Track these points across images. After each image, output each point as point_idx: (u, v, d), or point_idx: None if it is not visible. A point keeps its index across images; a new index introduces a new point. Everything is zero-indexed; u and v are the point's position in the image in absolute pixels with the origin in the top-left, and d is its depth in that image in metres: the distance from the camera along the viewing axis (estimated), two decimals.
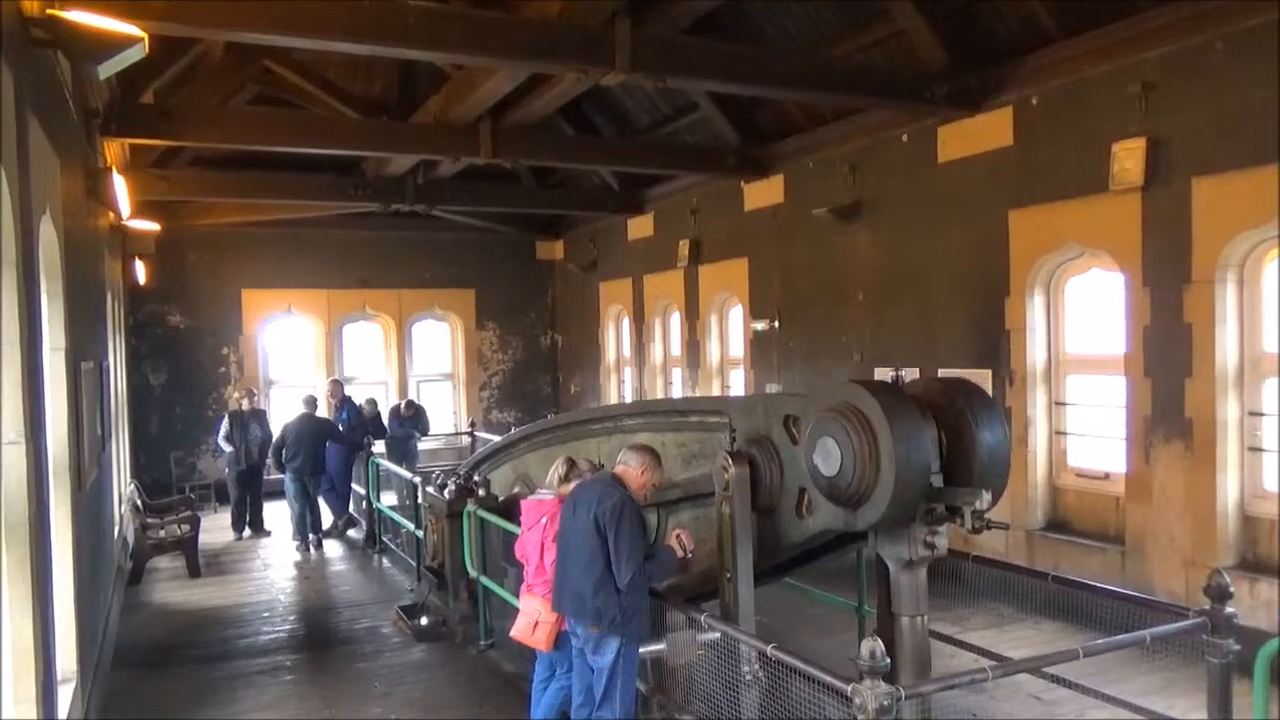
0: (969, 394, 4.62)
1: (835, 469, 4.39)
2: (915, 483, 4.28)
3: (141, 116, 9.14)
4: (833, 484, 4.44)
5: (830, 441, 4.41)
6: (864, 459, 4.27)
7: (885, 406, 4.27)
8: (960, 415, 4.48)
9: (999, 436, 4.50)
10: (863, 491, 4.32)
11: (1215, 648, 4.31)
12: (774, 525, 5.13)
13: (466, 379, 17.53)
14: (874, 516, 4.35)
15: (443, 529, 8.11)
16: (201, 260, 15.46)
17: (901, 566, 4.54)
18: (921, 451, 4.30)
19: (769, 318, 11.87)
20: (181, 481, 14.88)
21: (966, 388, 4.70)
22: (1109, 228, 7.66)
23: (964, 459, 4.44)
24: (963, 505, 4.23)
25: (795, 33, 9.89)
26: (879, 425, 4.25)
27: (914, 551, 4.47)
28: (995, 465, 4.47)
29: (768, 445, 5.13)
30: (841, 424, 4.36)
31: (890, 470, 4.21)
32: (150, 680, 7.17)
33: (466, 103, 9.34)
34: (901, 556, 4.51)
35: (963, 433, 4.45)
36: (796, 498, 4.96)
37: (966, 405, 4.51)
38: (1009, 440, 4.65)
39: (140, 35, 4.51)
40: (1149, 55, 7.27)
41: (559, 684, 5.53)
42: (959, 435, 4.45)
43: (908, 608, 4.57)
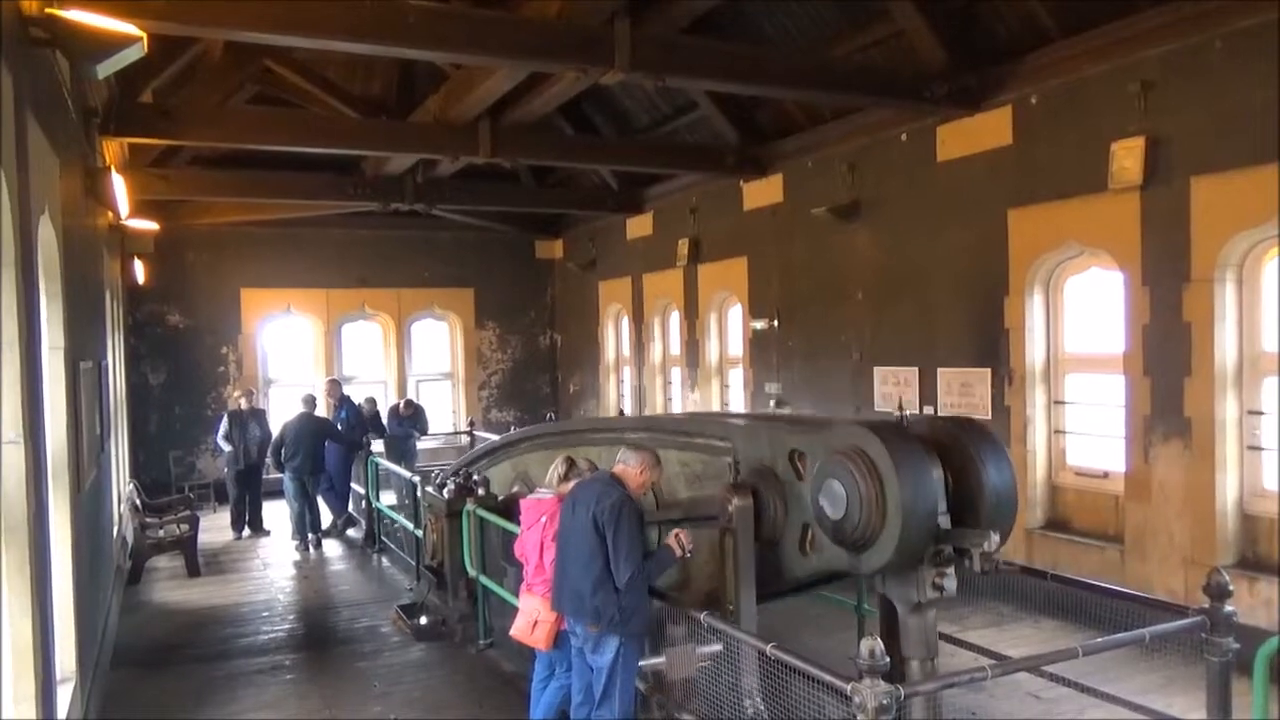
0: (974, 433, 4.59)
1: (841, 513, 4.36)
2: (922, 526, 4.25)
3: (140, 116, 9.14)
4: (838, 527, 4.41)
5: (836, 485, 4.39)
6: (870, 504, 4.25)
7: (891, 450, 4.25)
8: (966, 455, 4.45)
9: (1005, 476, 4.46)
10: (869, 536, 4.30)
11: (1214, 646, 4.31)
12: (776, 558, 5.11)
13: (465, 378, 17.53)
14: (880, 561, 4.32)
15: (442, 528, 8.11)
16: (200, 259, 15.46)
17: (910, 609, 4.46)
18: (928, 495, 4.27)
19: (768, 317, 11.87)
20: (180, 481, 14.88)
21: (971, 427, 4.67)
22: (1108, 227, 7.66)
23: (971, 499, 4.40)
24: (971, 547, 4.20)
25: (795, 32, 9.89)
26: (885, 470, 4.24)
27: (923, 594, 4.41)
28: (1003, 505, 4.43)
29: (772, 478, 5.10)
30: (847, 467, 4.34)
31: (897, 516, 4.18)
32: (149, 680, 7.17)
33: (466, 102, 9.34)
34: (910, 599, 4.45)
35: (969, 472, 4.41)
36: (800, 534, 4.94)
37: (972, 445, 4.47)
38: (1015, 479, 4.60)
39: (139, 34, 4.50)
40: (1148, 54, 7.27)
41: (558, 683, 5.53)
42: (965, 475, 4.42)
43: (917, 651, 4.48)
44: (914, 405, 9.63)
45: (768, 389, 11.95)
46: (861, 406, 10.33)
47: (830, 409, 10.90)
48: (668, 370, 14.87)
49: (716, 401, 13.41)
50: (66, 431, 5.32)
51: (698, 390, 13.62)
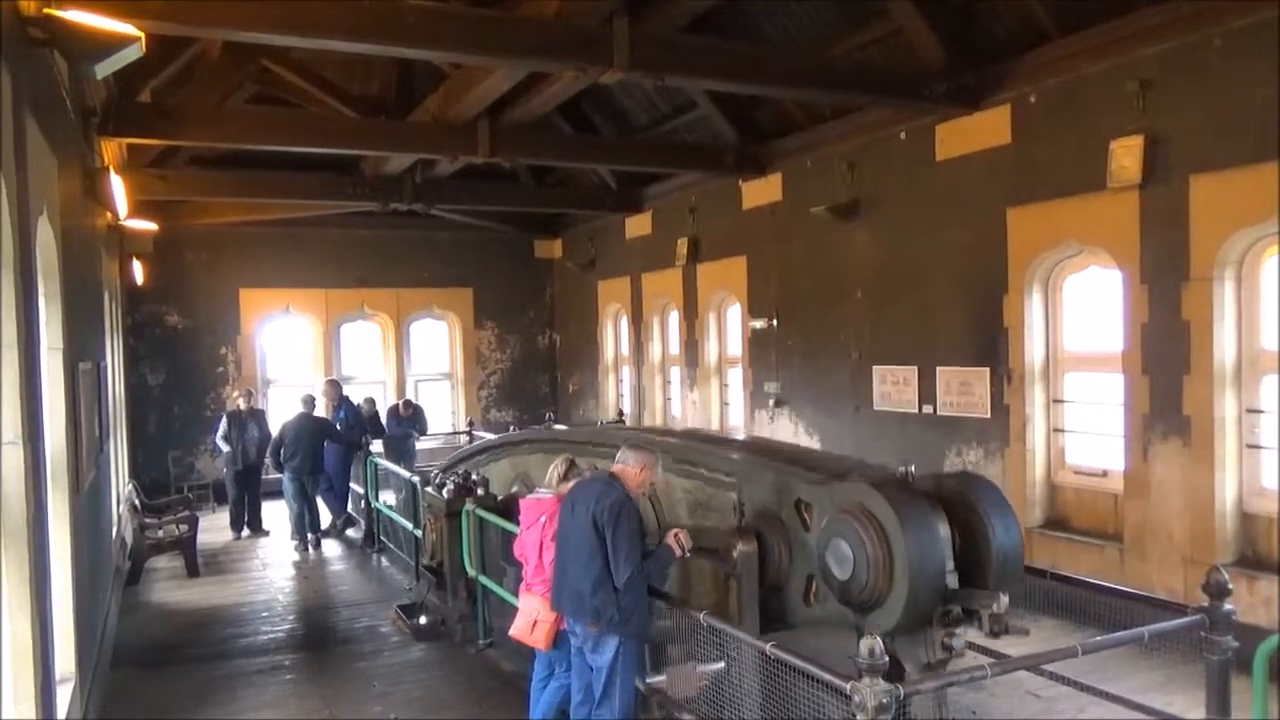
0: (979, 488, 4.57)
1: (848, 574, 4.34)
2: (930, 587, 4.22)
3: (139, 116, 9.14)
4: (845, 588, 4.38)
5: (843, 545, 4.36)
6: (877, 566, 4.23)
7: (898, 510, 4.22)
8: (972, 511, 4.42)
9: (1012, 532, 4.43)
10: (876, 597, 4.27)
11: (1214, 645, 4.31)
12: (780, 603, 5.09)
13: (465, 378, 17.53)
14: (888, 623, 4.27)
15: (441, 528, 8.11)
16: (199, 260, 15.45)
17: (919, 669, 4.38)
18: (936, 555, 4.24)
19: (767, 316, 11.87)
20: (180, 481, 14.87)
21: (978, 484, 4.65)
22: (1107, 225, 7.67)
23: (978, 556, 4.37)
24: (980, 609, 4.18)
25: (794, 31, 9.89)
26: (892, 531, 4.21)
27: (932, 654, 4.37)
28: (1010, 562, 4.39)
29: (777, 524, 5.07)
30: (854, 527, 4.31)
31: (904, 578, 4.15)
32: (149, 680, 7.17)
33: (465, 101, 9.33)
34: (919, 659, 4.39)
35: (976, 529, 4.39)
36: (805, 584, 4.92)
37: (977, 500, 4.45)
38: (1022, 534, 4.57)
39: (137, 34, 4.50)
40: (1147, 53, 7.27)
41: (558, 683, 5.53)
42: (972, 532, 4.39)
43: (929, 713, 4.37)
44: (913, 404, 9.64)
45: (767, 388, 11.95)
46: (861, 406, 10.34)
47: (829, 408, 10.91)
48: (667, 370, 14.87)
49: (716, 401, 13.41)
50: (65, 432, 5.32)
51: (697, 390, 13.62)
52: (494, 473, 8.64)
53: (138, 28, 4.59)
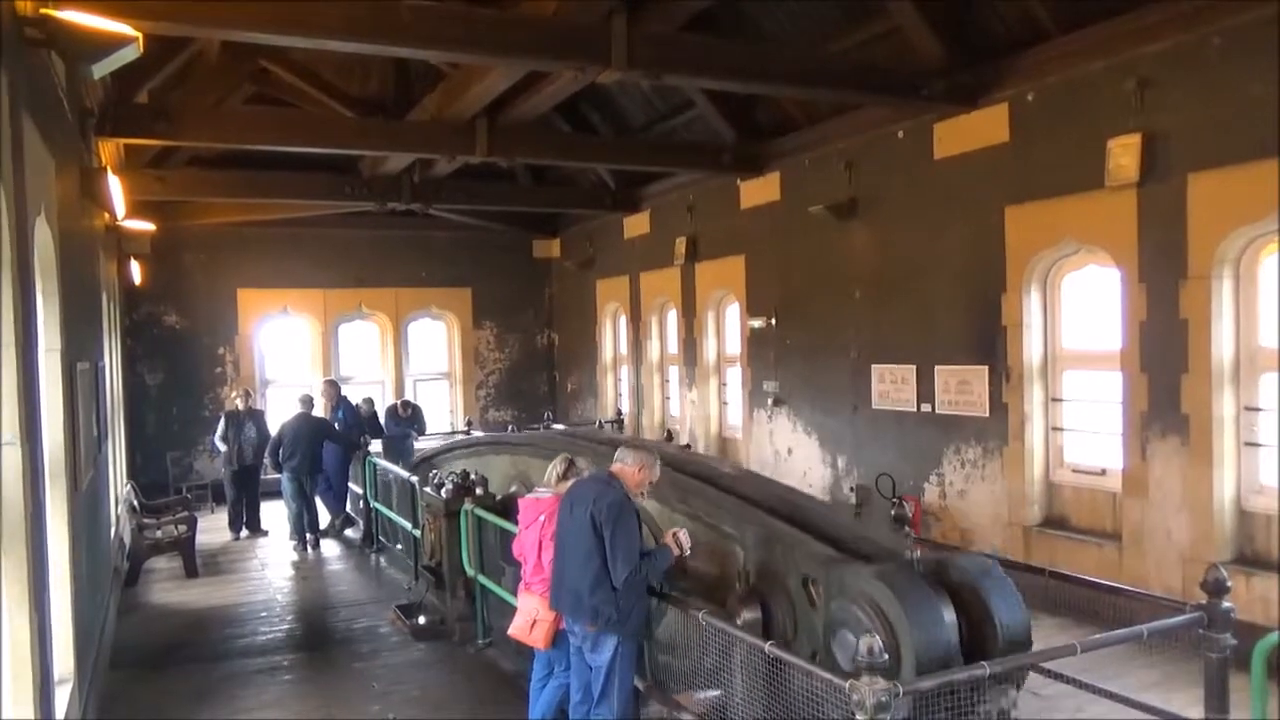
0: (985, 573, 4.53)
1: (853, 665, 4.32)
2: None
3: (136, 116, 9.14)
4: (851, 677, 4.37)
5: (849, 636, 4.33)
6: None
7: (904, 603, 4.20)
8: (976, 595, 4.40)
9: (1016, 615, 4.41)
10: None
11: (1212, 642, 4.31)
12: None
13: (463, 378, 17.53)
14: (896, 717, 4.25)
15: (440, 528, 8.11)
16: (197, 260, 15.44)
17: None
18: (942, 645, 4.22)
19: (766, 315, 11.87)
20: (178, 482, 14.87)
21: (980, 565, 4.62)
22: (1105, 224, 7.67)
23: (983, 642, 4.34)
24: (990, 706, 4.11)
25: (791, 29, 9.89)
26: (898, 623, 4.20)
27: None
28: (1016, 648, 4.36)
29: (783, 594, 5.05)
30: (860, 618, 4.30)
31: (911, 670, 4.12)
32: (148, 681, 7.16)
33: (462, 101, 9.33)
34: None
35: (982, 615, 4.37)
36: (809, 659, 4.89)
37: (983, 585, 4.42)
38: (1028, 617, 4.52)
39: (135, 35, 4.49)
40: (1144, 51, 7.28)
41: (557, 682, 5.53)
42: (978, 618, 4.37)
43: None
44: (911, 403, 9.64)
45: (765, 387, 11.95)
46: (859, 405, 10.34)
47: (828, 407, 10.91)
48: (665, 369, 14.87)
49: (714, 400, 13.42)
50: (64, 433, 5.31)
51: (695, 389, 13.62)
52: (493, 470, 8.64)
53: (135, 28, 4.58)
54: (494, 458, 9.33)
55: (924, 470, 9.54)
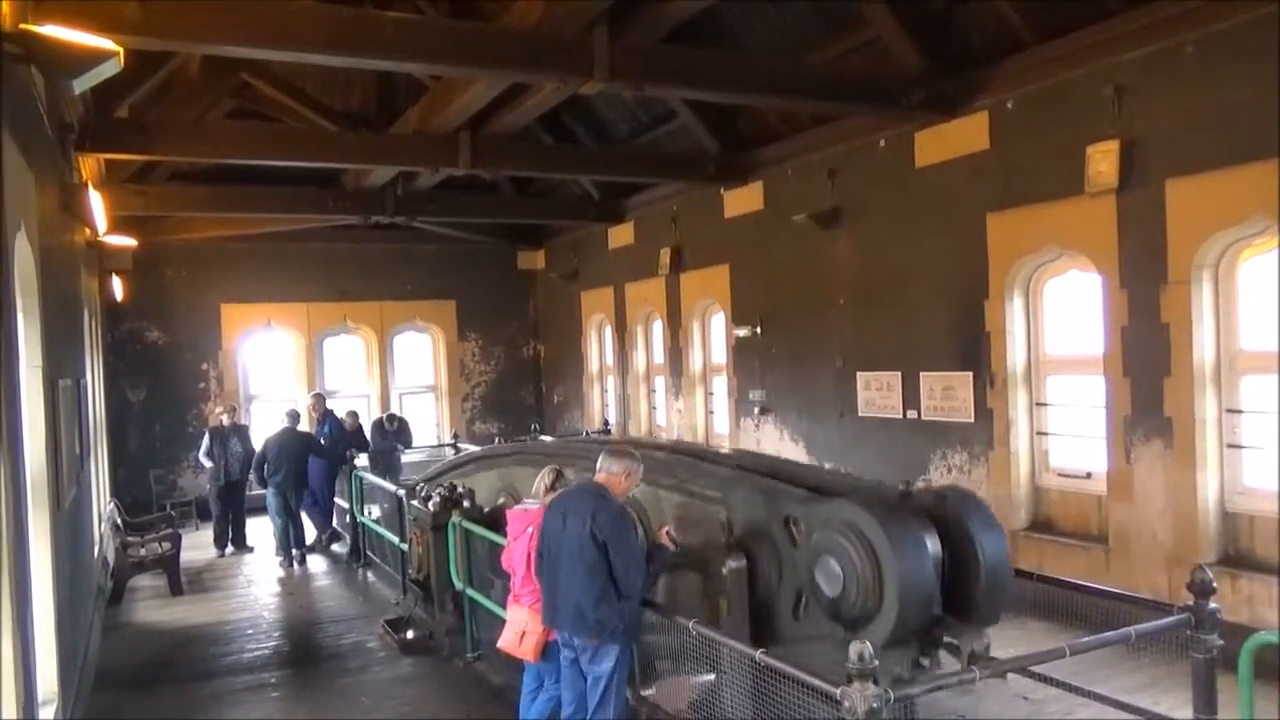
0: (976, 513, 4.56)
1: (838, 591, 4.35)
2: (919, 607, 4.24)
3: (117, 131, 9.10)
4: (834, 605, 4.40)
5: (833, 562, 4.36)
6: (867, 585, 4.24)
7: (888, 530, 4.23)
8: (965, 535, 4.42)
9: (1002, 559, 4.44)
10: (865, 617, 4.28)
11: (1199, 643, 4.34)
12: (769, 619, 5.08)
13: (449, 390, 17.47)
14: (876, 640, 4.21)
15: (428, 541, 8.07)
16: (179, 275, 15.35)
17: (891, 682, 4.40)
18: (925, 579, 4.26)
19: (751, 324, 11.90)
20: (162, 499, 14.73)
21: (973, 504, 4.65)
22: (1086, 230, 7.73)
23: (966, 583, 4.38)
24: (962, 645, 4.22)
25: (772, 40, 9.94)
26: (883, 553, 4.22)
27: (905, 669, 4.40)
28: (997, 589, 4.42)
29: (767, 541, 5.07)
30: (844, 547, 4.32)
31: (894, 598, 4.16)
32: (133, 700, 7.09)
33: (445, 114, 9.33)
34: (891, 671, 4.38)
35: (967, 554, 4.39)
36: (794, 600, 4.92)
37: (972, 525, 4.45)
38: (1010, 555, 4.58)
39: (115, 50, 4.47)
40: (1121, 59, 7.35)
41: (547, 694, 5.50)
42: (963, 556, 4.40)
43: None
44: (897, 409, 9.67)
45: (751, 396, 11.97)
46: (845, 412, 10.37)
47: (814, 415, 10.93)
48: (651, 379, 14.87)
49: (701, 409, 13.42)
50: (46, 450, 5.26)
51: (682, 399, 13.62)
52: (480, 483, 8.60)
53: (115, 43, 4.56)
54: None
55: (911, 476, 9.52)
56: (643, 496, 6.06)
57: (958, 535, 4.43)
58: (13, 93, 4.55)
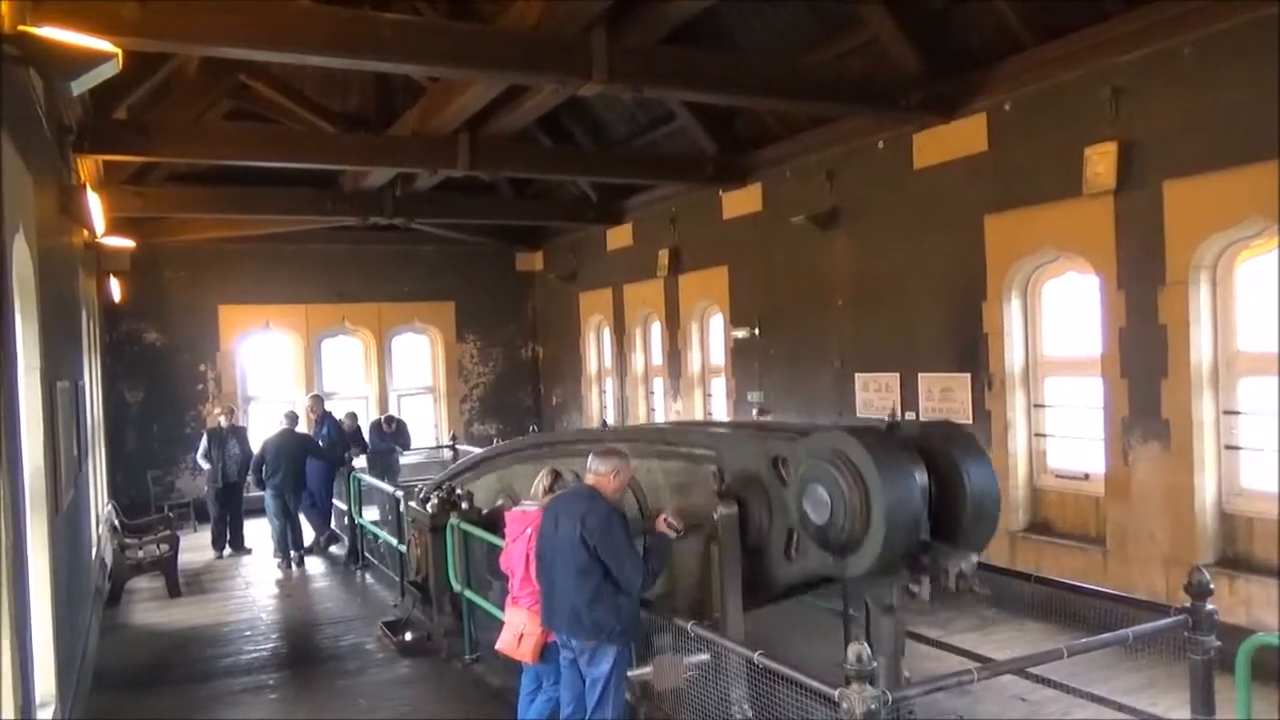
0: (962, 442, 4.62)
1: (826, 518, 4.39)
2: (905, 532, 4.29)
3: (115, 133, 9.09)
4: (823, 531, 4.43)
5: (821, 490, 4.41)
6: (854, 510, 4.28)
7: (877, 459, 4.27)
8: (951, 464, 4.48)
9: (989, 488, 4.51)
10: (853, 541, 4.33)
11: (1197, 644, 4.35)
12: (762, 564, 5.11)
13: (447, 392, 17.46)
14: (863, 566, 4.36)
15: (426, 543, 8.06)
16: (178, 277, 15.34)
17: (882, 610, 4.56)
18: (911, 501, 4.31)
19: (750, 326, 11.90)
20: (160, 500, 14.70)
21: (959, 436, 4.70)
22: (1083, 231, 7.74)
23: (953, 510, 4.44)
24: (949, 566, 4.26)
25: (771, 42, 9.94)
26: (870, 477, 4.26)
27: (895, 598, 4.50)
28: (983, 517, 4.48)
29: (757, 485, 5.11)
30: (832, 474, 4.36)
31: (881, 520, 4.21)
32: (131, 702, 7.08)
33: (444, 115, 9.33)
34: (882, 600, 4.54)
35: (954, 483, 4.46)
36: (785, 539, 4.95)
37: (958, 454, 4.51)
38: (998, 486, 4.64)
39: (113, 51, 4.47)
40: (1119, 61, 7.36)
41: (546, 696, 5.50)
42: (950, 485, 4.46)
43: (885, 647, 4.58)
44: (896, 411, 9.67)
45: (750, 397, 11.97)
46: (844, 413, 10.36)
47: (813, 416, 10.93)
48: (650, 380, 14.87)
49: (700, 411, 13.41)
50: (44, 453, 5.26)
51: (680, 400, 13.62)
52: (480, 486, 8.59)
53: (114, 44, 4.56)
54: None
55: None
56: (635, 470, 6.06)
57: (945, 465, 4.49)
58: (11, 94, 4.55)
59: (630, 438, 7.06)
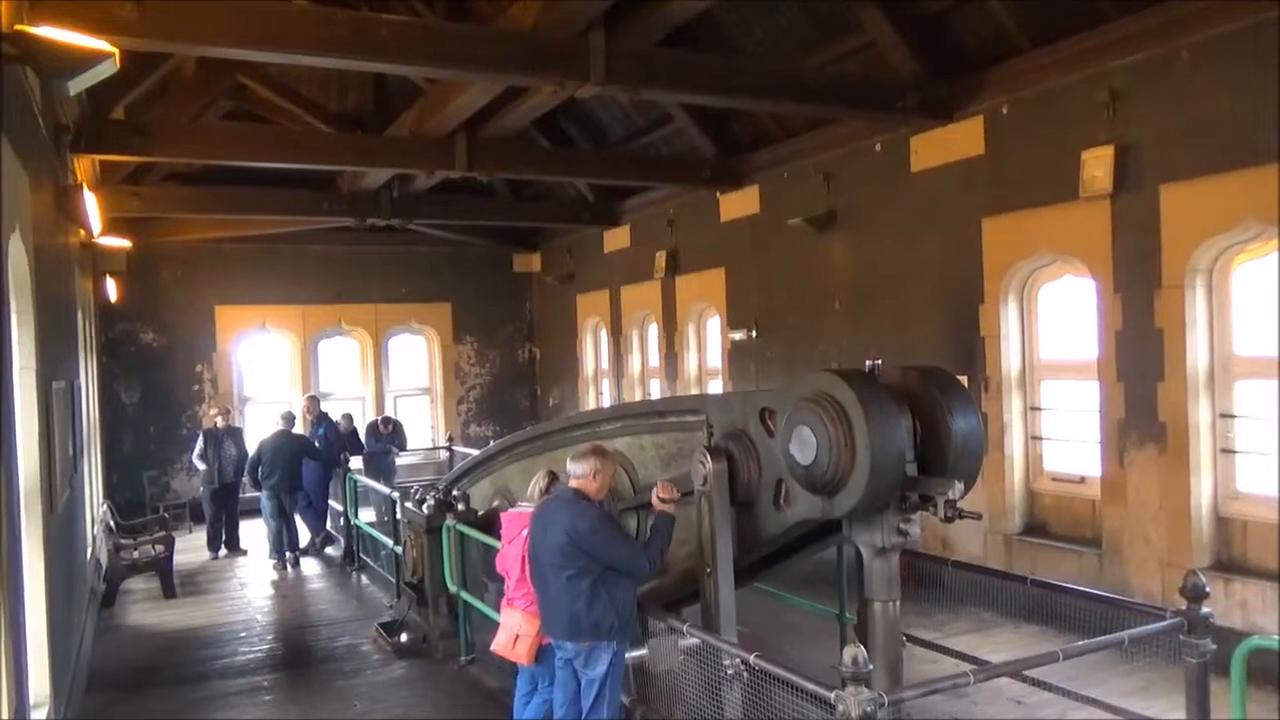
0: (942, 382, 4.69)
1: (811, 457, 4.43)
2: (890, 470, 4.34)
3: (112, 132, 9.08)
4: (809, 472, 4.48)
5: (806, 430, 4.45)
6: (840, 446, 4.32)
7: (860, 395, 4.32)
8: (934, 403, 4.55)
9: (972, 424, 4.59)
10: (839, 478, 4.37)
11: (1192, 648, 4.36)
12: (753, 519, 5.15)
13: (444, 393, 17.46)
14: (850, 503, 4.40)
15: (422, 544, 8.06)
16: (174, 277, 15.32)
17: (875, 553, 4.63)
18: (896, 439, 4.37)
19: (746, 328, 11.91)
20: (155, 501, 14.65)
21: (940, 376, 4.76)
22: (1080, 235, 7.75)
23: (938, 447, 4.51)
24: (936, 494, 4.31)
25: (768, 44, 9.95)
26: (854, 413, 4.30)
27: (887, 539, 4.56)
28: (969, 453, 4.56)
29: (745, 440, 5.14)
30: (817, 413, 4.41)
31: (866, 456, 4.25)
32: (125, 704, 7.06)
33: (441, 116, 9.33)
34: (875, 543, 4.60)
35: (937, 421, 4.52)
36: (774, 490, 4.99)
37: (940, 393, 4.59)
38: (982, 428, 4.74)
39: (111, 51, 4.47)
40: (1116, 64, 7.38)
41: (541, 698, 5.49)
42: (933, 423, 4.53)
43: (880, 593, 4.69)
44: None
45: None
46: None
47: None
48: (647, 382, 14.86)
49: None
50: (39, 453, 5.25)
51: None
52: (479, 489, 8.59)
53: (111, 44, 4.55)
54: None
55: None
56: (625, 447, 6.09)
57: (928, 404, 4.55)
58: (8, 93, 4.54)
59: (620, 415, 7.04)
